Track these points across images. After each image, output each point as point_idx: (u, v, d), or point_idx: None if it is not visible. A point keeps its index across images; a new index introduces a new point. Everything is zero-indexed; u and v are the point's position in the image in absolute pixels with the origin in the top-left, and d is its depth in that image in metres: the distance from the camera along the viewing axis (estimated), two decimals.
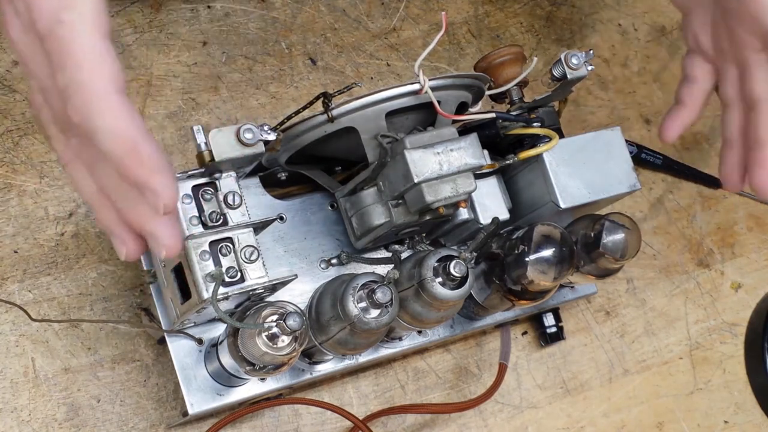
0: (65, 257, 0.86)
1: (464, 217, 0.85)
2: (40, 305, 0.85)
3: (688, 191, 1.09)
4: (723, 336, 1.06)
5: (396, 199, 0.79)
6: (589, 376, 1.00)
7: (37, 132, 0.88)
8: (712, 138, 1.12)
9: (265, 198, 0.85)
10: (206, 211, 0.74)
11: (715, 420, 1.03)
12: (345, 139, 0.80)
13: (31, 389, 0.83)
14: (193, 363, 0.81)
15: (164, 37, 0.95)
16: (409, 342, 0.89)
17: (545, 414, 0.98)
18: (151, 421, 0.85)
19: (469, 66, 1.03)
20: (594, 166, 0.86)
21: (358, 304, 0.76)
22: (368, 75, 1.01)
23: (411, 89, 0.79)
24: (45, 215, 0.87)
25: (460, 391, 0.95)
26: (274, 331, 0.73)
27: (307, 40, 1.00)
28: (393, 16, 1.04)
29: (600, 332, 1.02)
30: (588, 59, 0.84)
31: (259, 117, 0.96)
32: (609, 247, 0.84)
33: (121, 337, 0.86)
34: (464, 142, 0.78)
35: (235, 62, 0.97)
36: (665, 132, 0.89)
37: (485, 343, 0.97)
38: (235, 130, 0.73)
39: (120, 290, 0.87)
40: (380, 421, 0.92)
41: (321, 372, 0.86)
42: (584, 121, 1.07)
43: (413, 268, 0.79)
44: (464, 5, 1.07)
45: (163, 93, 0.93)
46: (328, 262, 0.86)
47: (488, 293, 0.87)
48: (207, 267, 0.73)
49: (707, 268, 1.07)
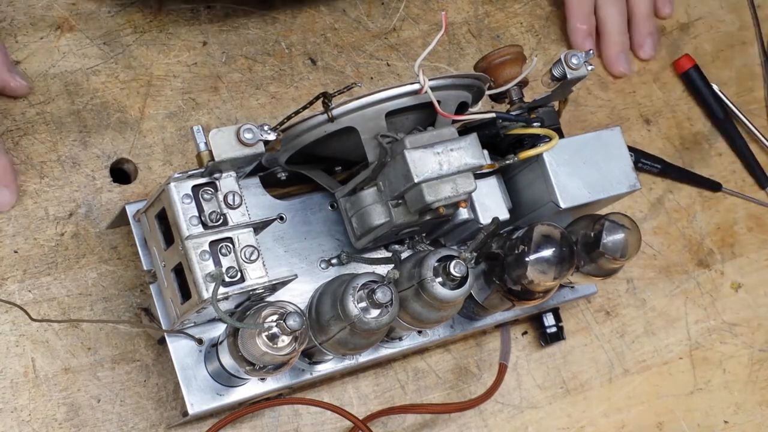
0: (65, 257, 0.86)
1: (464, 217, 0.85)
2: (40, 305, 0.85)
3: (688, 191, 1.09)
4: (723, 336, 1.06)
5: (396, 199, 0.79)
6: (589, 376, 1.00)
7: (37, 132, 0.89)
8: (712, 138, 1.12)
9: (265, 198, 0.85)
10: (206, 211, 0.74)
11: (715, 420, 1.03)
12: (345, 139, 0.80)
13: (31, 389, 0.83)
14: (193, 363, 0.81)
15: (164, 37, 0.95)
16: (409, 342, 0.89)
17: (545, 414, 0.98)
18: (151, 421, 0.85)
19: (469, 66, 1.03)
20: (594, 166, 0.86)
21: (358, 304, 0.76)
22: (368, 75, 1.01)
23: (411, 89, 0.79)
24: (45, 215, 0.87)
25: (460, 391, 0.95)
26: (274, 331, 0.73)
27: (307, 40, 1.00)
28: (393, 16, 1.04)
29: (600, 332, 1.02)
30: (588, 59, 0.84)
31: (259, 117, 0.96)
32: (609, 247, 0.84)
33: (121, 337, 0.86)
34: (464, 142, 0.78)
35: (235, 62, 0.97)
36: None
37: (485, 343, 0.97)
38: (235, 130, 0.73)
39: (120, 290, 0.87)
40: (380, 421, 0.92)
41: (321, 372, 0.86)
42: (584, 121, 1.07)
43: (413, 268, 0.79)
44: (464, 5, 1.07)
45: (163, 93, 0.93)
46: (328, 262, 0.86)
47: (488, 293, 0.87)
48: (207, 267, 0.73)
49: (707, 268, 1.07)
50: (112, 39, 0.93)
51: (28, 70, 0.90)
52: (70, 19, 0.93)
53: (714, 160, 1.11)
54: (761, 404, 1.05)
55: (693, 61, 1.11)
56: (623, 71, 1.08)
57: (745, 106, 1.13)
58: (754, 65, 1.16)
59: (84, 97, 0.91)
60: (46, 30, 0.92)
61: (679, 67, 1.12)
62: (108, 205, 0.88)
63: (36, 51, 0.91)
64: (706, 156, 1.11)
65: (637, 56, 1.11)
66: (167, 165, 0.91)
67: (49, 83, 0.90)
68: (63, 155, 0.89)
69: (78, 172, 0.89)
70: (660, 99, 1.11)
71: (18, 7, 0.91)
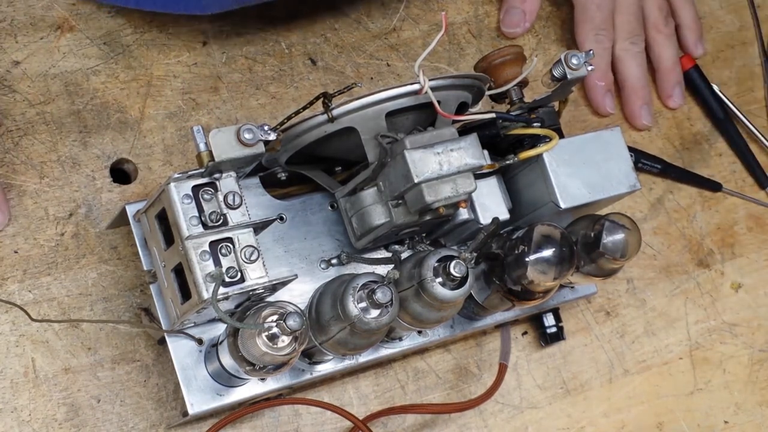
0: (65, 257, 0.86)
1: (464, 217, 0.85)
2: (40, 305, 0.85)
3: (688, 191, 1.09)
4: (723, 336, 1.06)
5: (396, 199, 0.79)
6: (589, 376, 1.00)
7: (37, 132, 0.89)
8: (712, 138, 1.12)
9: (265, 198, 0.85)
10: (206, 211, 0.74)
11: (715, 420, 1.03)
12: (345, 139, 0.80)
13: (31, 389, 0.83)
14: (193, 363, 0.81)
15: (164, 37, 0.95)
16: (409, 342, 0.89)
17: (545, 414, 0.98)
18: (151, 421, 0.85)
19: (469, 66, 1.03)
20: (594, 166, 0.86)
21: (358, 304, 0.76)
22: (368, 75, 1.01)
23: (411, 89, 0.79)
24: (45, 215, 0.87)
25: (460, 391, 0.95)
26: (274, 331, 0.73)
27: (307, 40, 1.00)
28: (393, 16, 1.04)
29: (600, 332, 1.02)
30: (588, 59, 0.84)
31: (259, 117, 0.96)
32: (609, 247, 0.84)
33: (121, 337, 0.86)
34: (464, 142, 0.78)
35: (235, 62, 0.97)
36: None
37: (485, 343, 0.97)
38: (235, 130, 0.73)
39: (120, 290, 0.87)
40: (380, 422, 0.92)
41: (321, 372, 0.86)
42: (584, 121, 1.07)
43: (413, 268, 0.79)
44: (464, 5, 1.07)
45: (163, 93, 0.93)
46: (328, 262, 0.86)
47: (488, 293, 0.87)
48: (207, 267, 0.73)
49: (707, 268, 1.07)
50: (112, 39, 0.93)
51: (28, 70, 0.90)
52: (70, 19, 0.93)
53: (714, 160, 1.11)
54: (761, 404, 1.05)
55: (693, 61, 1.11)
56: (647, 124, 1.07)
57: (745, 106, 1.13)
58: (754, 65, 1.16)
59: (84, 97, 0.91)
60: (46, 30, 0.92)
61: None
62: (108, 205, 0.88)
63: (36, 51, 0.91)
64: (706, 156, 1.11)
65: (665, 105, 1.10)
66: (167, 165, 0.91)
67: (49, 83, 0.90)
68: (63, 155, 0.89)
69: (78, 173, 0.89)
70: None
71: (18, 7, 0.91)
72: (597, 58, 1.04)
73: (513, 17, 1.05)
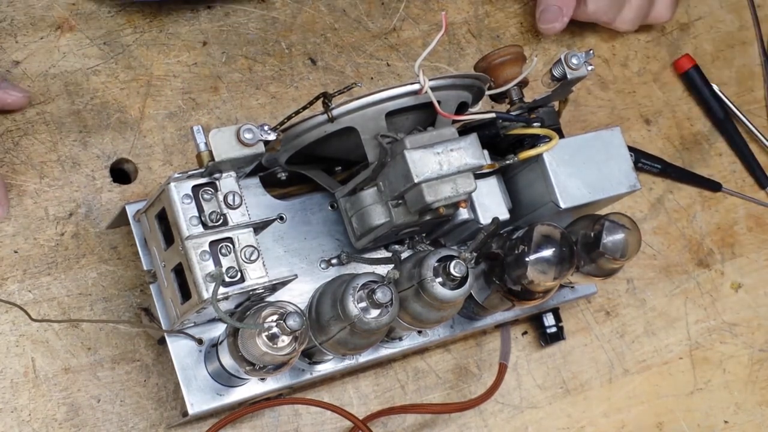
0: (65, 257, 0.86)
1: (464, 217, 0.85)
2: (40, 305, 0.85)
3: (688, 191, 1.09)
4: (723, 336, 1.06)
5: (396, 199, 0.79)
6: (589, 376, 1.00)
7: (37, 132, 0.89)
8: (712, 138, 1.12)
9: (265, 198, 0.85)
10: (206, 211, 0.74)
11: (715, 420, 1.03)
12: (345, 139, 0.80)
13: (31, 389, 0.83)
14: (193, 363, 0.81)
15: (164, 37, 0.95)
16: (409, 342, 0.89)
17: (545, 414, 0.98)
18: (151, 421, 0.85)
19: (469, 66, 1.03)
20: (594, 166, 0.86)
21: (358, 304, 0.76)
22: (368, 75, 1.01)
23: (411, 89, 0.79)
24: (45, 215, 0.87)
25: (460, 391, 0.95)
26: (274, 331, 0.73)
27: (307, 40, 1.00)
28: (393, 16, 1.04)
29: (600, 332, 1.02)
30: (588, 59, 0.84)
31: (259, 117, 0.96)
32: (609, 247, 0.84)
33: (121, 337, 0.86)
34: (464, 142, 0.78)
35: (235, 62, 0.97)
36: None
37: (485, 343, 0.97)
38: (235, 130, 0.73)
39: (120, 290, 0.87)
40: (380, 421, 0.92)
41: (321, 372, 0.86)
42: (584, 121, 1.07)
43: (413, 268, 0.79)
44: (464, 5, 1.07)
45: (163, 93, 0.93)
46: (328, 262, 0.86)
47: (488, 293, 0.87)
48: (207, 267, 0.73)
49: (707, 268, 1.07)
50: (112, 39, 0.93)
51: (28, 70, 0.90)
52: (70, 19, 0.93)
53: (714, 160, 1.11)
54: (761, 404, 1.05)
55: (693, 61, 1.11)
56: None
57: (745, 106, 1.13)
58: (754, 65, 1.16)
59: (84, 97, 0.91)
60: (46, 30, 0.92)
61: (679, 67, 1.12)
62: (108, 205, 0.88)
63: (36, 51, 0.91)
64: (706, 156, 1.11)
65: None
66: (167, 165, 0.91)
67: (49, 83, 0.90)
68: (63, 155, 0.89)
69: (78, 172, 0.89)
70: (660, 99, 1.11)
71: (18, 7, 0.91)
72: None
73: (550, 14, 1.04)
